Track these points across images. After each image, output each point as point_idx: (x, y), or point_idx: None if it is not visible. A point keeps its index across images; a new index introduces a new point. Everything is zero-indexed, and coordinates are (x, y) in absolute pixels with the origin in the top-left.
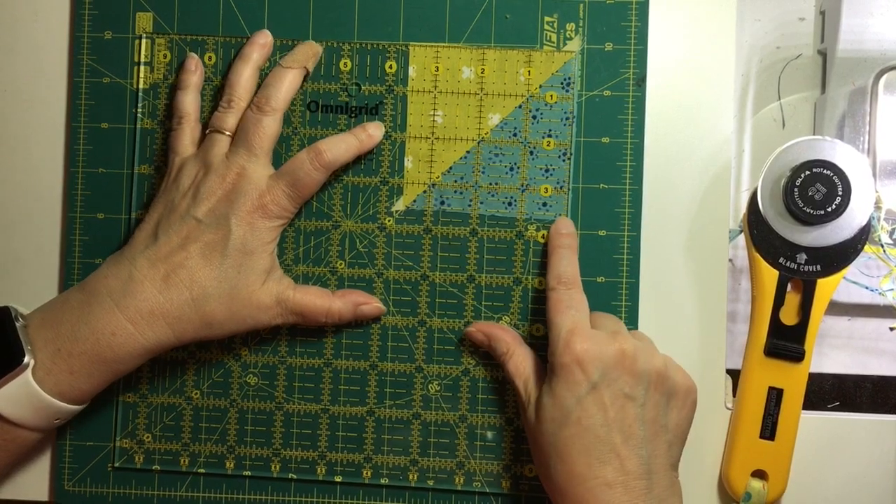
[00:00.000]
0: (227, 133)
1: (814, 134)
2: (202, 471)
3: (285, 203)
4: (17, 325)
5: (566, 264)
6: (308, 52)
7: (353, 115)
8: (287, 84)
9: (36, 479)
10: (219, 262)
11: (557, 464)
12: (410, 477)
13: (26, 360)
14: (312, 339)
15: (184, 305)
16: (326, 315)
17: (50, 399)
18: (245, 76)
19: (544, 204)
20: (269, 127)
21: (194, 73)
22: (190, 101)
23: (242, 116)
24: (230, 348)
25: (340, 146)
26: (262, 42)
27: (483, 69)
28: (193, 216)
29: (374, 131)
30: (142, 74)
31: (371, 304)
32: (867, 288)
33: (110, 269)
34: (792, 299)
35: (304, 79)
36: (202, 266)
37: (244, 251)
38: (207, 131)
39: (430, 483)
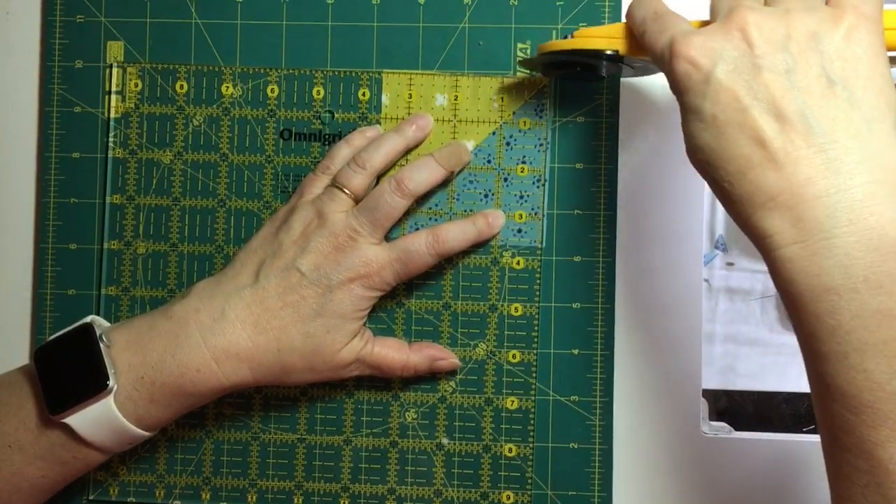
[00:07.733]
0: (348, 194)
1: None
2: (178, 502)
3: (390, 280)
4: (101, 345)
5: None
6: (458, 157)
7: (326, 142)
8: (432, 177)
9: None
10: (310, 320)
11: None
12: None
13: (110, 384)
14: None
15: (268, 353)
16: (403, 369)
17: (128, 424)
18: (393, 149)
19: (519, 230)
20: (400, 210)
21: (366, 140)
22: (344, 157)
23: (378, 188)
24: None
25: (459, 236)
26: (423, 125)
27: (456, 96)
28: (298, 268)
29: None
30: (113, 103)
31: (448, 359)
32: None
33: (203, 303)
34: None
35: (445, 182)
36: (294, 320)
37: (337, 314)
38: (329, 184)
39: None
